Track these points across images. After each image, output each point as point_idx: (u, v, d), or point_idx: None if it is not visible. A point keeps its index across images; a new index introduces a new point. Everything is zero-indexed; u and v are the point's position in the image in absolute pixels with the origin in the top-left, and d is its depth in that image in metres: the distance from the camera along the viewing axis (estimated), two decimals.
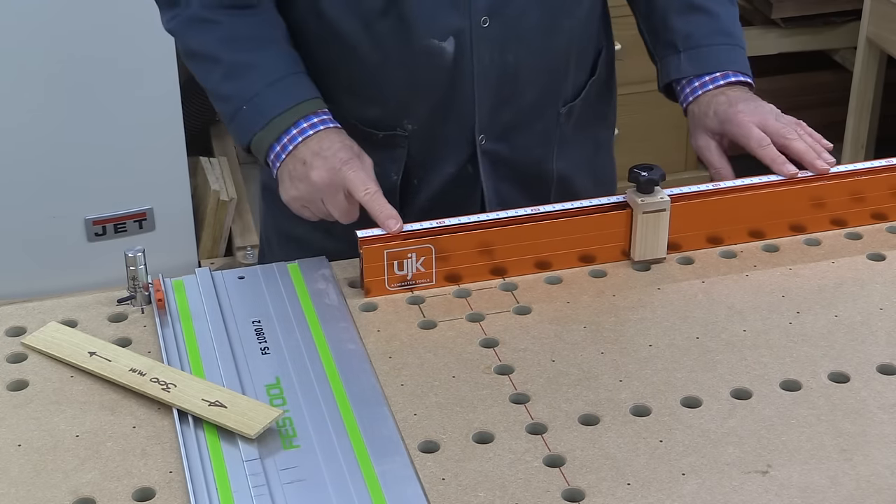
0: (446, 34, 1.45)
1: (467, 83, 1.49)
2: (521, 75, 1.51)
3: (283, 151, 1.42)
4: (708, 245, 1.49)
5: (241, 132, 1.46)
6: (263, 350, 1.30)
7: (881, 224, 1.53)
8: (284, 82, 1.44)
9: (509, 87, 1.51)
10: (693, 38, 1.56)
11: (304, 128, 1.42)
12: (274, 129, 1.43)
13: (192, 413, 1.19)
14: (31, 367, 1.29)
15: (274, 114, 1.43)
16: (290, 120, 1.42)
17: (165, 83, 2.71)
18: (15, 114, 2.63)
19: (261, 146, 1.44)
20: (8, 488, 1.12)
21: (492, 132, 1.53)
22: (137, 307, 1.38)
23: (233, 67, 1.45)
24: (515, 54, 1.49)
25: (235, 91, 1.45)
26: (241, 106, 1.44)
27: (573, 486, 1.11)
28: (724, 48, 1.55)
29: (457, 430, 1.18)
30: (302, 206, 1.43)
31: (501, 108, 1.52)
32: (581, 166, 1.64)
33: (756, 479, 1.11)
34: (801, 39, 3.42)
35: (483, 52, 1.47)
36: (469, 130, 1.52)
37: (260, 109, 1.43)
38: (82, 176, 2.74)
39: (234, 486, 1.11)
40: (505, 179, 1.57)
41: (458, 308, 1.38)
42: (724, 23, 1.57)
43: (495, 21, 1.46)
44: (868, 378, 1.25)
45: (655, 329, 1.33)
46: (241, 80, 1.45)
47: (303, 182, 1.40)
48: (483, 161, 1.54)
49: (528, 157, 1.57)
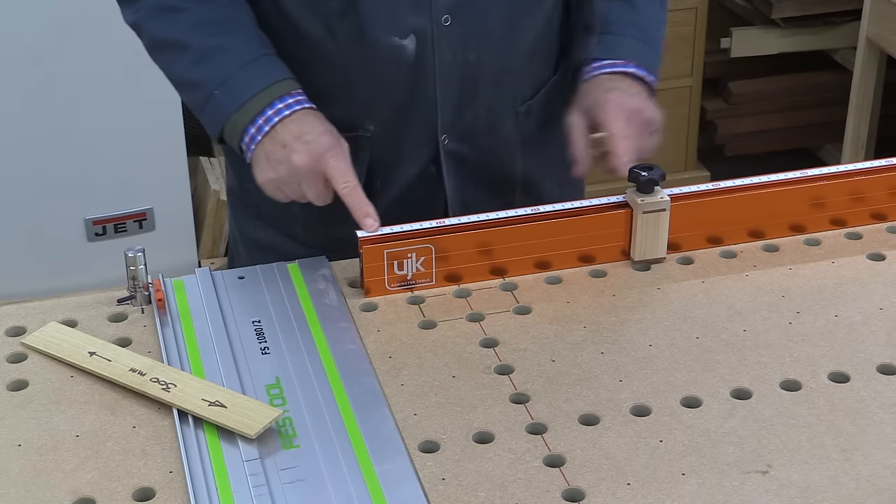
0: (407, 32, 1.44)
1: (429, 82, 1.48)
2: (482, 74, 1.50)
3: (259, 133, 1.40)
4: (708, 245, 1.49)
5: (213, 118, 1.44)
6: (263, 350, 1.30)
7: (881, 224, 1.53)
8: (257, 63, 1.42)
9: (471, 86, 1.50)
10: (608, 24, 1.54)
11: (279, 108, 1.40)
12: (248, 111, 1.41)
13: (192, 413, 1.19)
14: (31, 367, 1.29)
15: (248, 95, 1.41)
16: (264, 101, 1.40)
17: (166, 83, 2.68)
18: (15, 114, 2.63)
19: (235, 129, 1.42)
20: (8, 488, 1.12)
21: (455, 132, 1.52)
22: (137, 307, 1.38)
23: (203, 52, 1.43)
24: (477, 52, 1.48)
25: (207, 76, 1.43)
26: (212, 91, 1.42)
27: (573, 486, 1.11)
28: (635, 41, 1.54)
29: (457, 430, 1.18)
30: (276, 188, 1.41)
31: (464, 107, 1.51)
32: (547, 168, 1.62)
33: (756, 479, 1.11)
34: (801, 39, 3.42)
35: (445, 51, 1.46)
36: (432, 130, 1.51)
37: (234, 92, 1.41)
38: (82, 176, 2.74)
39: (234, 486, 1.11)
40: (468, 181, 1.56)
41: (458, 308, 1.38)
42: (643, 19, 1.56)
43: (457, 19, 1.45)
44: (868, 378, 1.25)
45: (655, 329, 1.33)
46: (212, 64, 1.43)
47: (282, 165, 1.39)
48: (446, 162, 1.53)
49: (491, 157, 1.56)
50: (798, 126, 3.62)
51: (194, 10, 1.44)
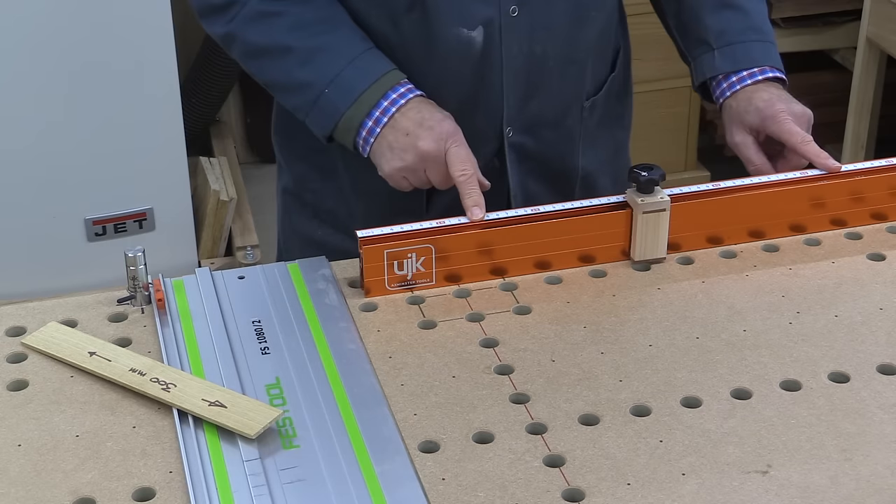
0: (475, 23, 1.45)
1: (496, 74, 1.49)
2: (548, 66, 1.51)
3: (378, 125, 1.43)
4: (708, 245, 1.49)
5: (325, 116, 1.45)
6: (263, 350, 1.30)
7: (881, 224, 1.53)
8: (363, 58, 1.44)
9: (536, 79, 1.51)
10: (726, 35, 1.56)
11: (394, 98, 1.43)
12: (363, 106, 1.43)
13: (192, 413, 1.19)
14: (31, 367, 1.29)
15: (361, 90, 1.43)
16: (377, 94, 1.43)
17: (165, 83, 2.71)
18: (15, 114, 2.63)
19: (350, 125, 1.44)
20: (8, 488, 1.12)
21: (519, 125, 1.54)
22: (137, 307, 1.38)
23: (308, 53, 1.45)
24: (543, 45, 1.50)
25: (314, 76, 1.45)
26: (322, 89, 1.44)
27: (573, 486, 1.11)
28: (758, 44, 1.56)
29: (457, 430, 1.18)
30: (402, 177, 1.44)
31: (529, 99, 1.53)
32: (603, 165, 1.65)
33: (756, 479, 1.11)
34: (801, 39, 3.42)
35: (511, 43, 1.47)
36: (497, 123, 1.53)
37: (345, 88, 1.43)
38: (82, 176, 2.74)
39: (234, 486, 1.11)
40: (531, 174, 1.58)
41: (458, 308, 1.38)
42: (756, 19, 1.58)
43: (524, 11, 1.46)
44: (868, 378, 1.25)
45: (655, 329, 1.33)
46: (318, 63, 1.44)
47: (409, 152, 1.41)
48: (510, 154, 1.55)
49: (553, 151, 1.58)
50: None
51: (292, 12, 1.46)
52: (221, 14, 1.49)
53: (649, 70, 3.24)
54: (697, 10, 1.58)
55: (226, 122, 3.63)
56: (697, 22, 1.58)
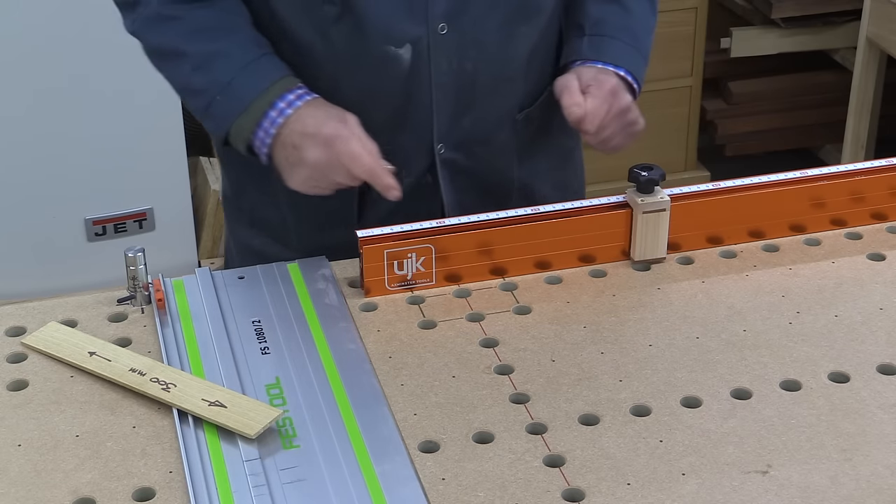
0: (403, 41, 1.43)
1: (425, 91, 1.46)
2: (479, 82, 1.49)
3: (268, 136, 1.40)
4: (708, 245, 1.49)
5: (217, 122, 1.44)
6: (263, 350, 1.30)
7: (881, 224, 1.53)
8: (256, 65, 1.42)
9: (467, 95, 1.49)
10: (601, 26, 1.52)
11: (281, 108, 1.40)
12: (252, 115, 1.40)
13: (192, 413, 1.19)
14: (31, 367, 1.29)
15: (251, 97, 1.40)
16: (267, 101, 1.40)
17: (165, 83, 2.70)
18: (15, 114, 2.63)
19: (241, 133, 1.42)
20: (8, 488, 1.12)
21: (450, 141, 1.51)
22: (137, 307, 1.38)
23: (201, 58, 1.43)
24: (473, 62, 1.47)
25: (207, 82, 1.43)
26: (214, 96, 1.42)
27: (573, 486, 1.11)
28: (627, 47, 1.52)
29: (457, 430, 1.18)
30: (311, 187, 1.41)
31: (460, 116, 1.50)
32: (544, 175, 1.61)
33: (756, 479, 1.11)
34: (801, 39, 3.42)
35: (441, 60, 1.45)
36: (427, 139, 1.50)
37: (235, 95, 1.41)
38: (82, 176, 2.74)
39: (234, 486, 1.11)
40: (465, 189, 1.54)
41: (458, 308, 1.38)
42: (636, 25, 1.54)
43: (453, 28, 1.44)
44: (868, 378, 1.25)
45: (655, 329, 1.33)
46: (211, 69, 1.42)
47: (301, 166, 1.38)
48: (442, 171, 1.52)
49: (487, 166, 1.55)
50: (798, 126, 3.62)
51: (189, 17, 1.44)
52: (129, 12, 1.49)
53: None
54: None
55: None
56: (581, 5, 1.55)
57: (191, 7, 1.44)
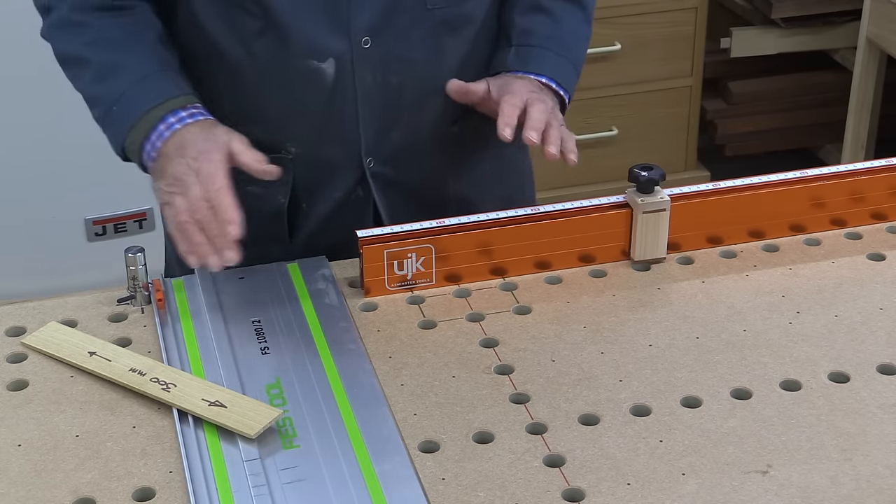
0: (326, 55, 1.41)
1: (350, 105, 1.45)
2: (405, 96, 1.46)
3: (153, 149, 1.38)
4: (708, 245, 1.49)
5: (114, 134, 1.42)
6: (263, 350, 1.30)
7: (881, 224, 1.53)
8: (151, 79, 1.40)
9: (394, 109, 1.47)
10: (528, 36, 1.51)
11: (171, 122, 1.37)
12: (143, 127, 1.38)
13: (192, 413, 1.19)
14: (31, 367, 1.29)
15: (143, 110, 1.38)
16: (158, 115, 1.37)
17: None
18: (15, 114, 2.63)
19: (133, 147, 1.40)
20: (8, 488, 1.12)
21: (379, 155, 1.49)
22: (137, 307, 1.38)
23: (101, 68, 1.41)
24: (399, 76, 1.45)
25: (104, 92, 1.41)
26: (111, 107, 1.40)
27: (573, 486, 1.11)
28: (554, 56, 1.50)
29: (457, 430, 1.18)
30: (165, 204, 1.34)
31: (387, 130, 1.48)
32: (485, 186, 1.59)
33: (756, 479, 1.11)
34: (801, 39, 3.42)
35: (365, 74, 1.43)
36: (355, 153, 1.48)
37: (129, 108, 1.39)
38: (82, 176, 2.74)
39: (234, 486, 1.11)
40: (399, 201, 1.52)
41: (458, 308, 1.38)
42: (565, 34, 1.52)
43: (377, 42, 1.42)
44: (868, 378, 1.25)
45: (655, 329, 1.33)
46: (109, 80, 1.41)
47: (162, 178, 1.34)
48: (374, 184, 1.50)
49: (420, 178, 1.53)
50: (798, 126, 3.62)
51: (96, 25, 1.42)
52: (43, 17, 1.47)
53: (649, 70, 3.24)
54: (512, 5, 1.53)
55: None
56: (509, 16, 1.53)
57: (99, 16, 1.43)
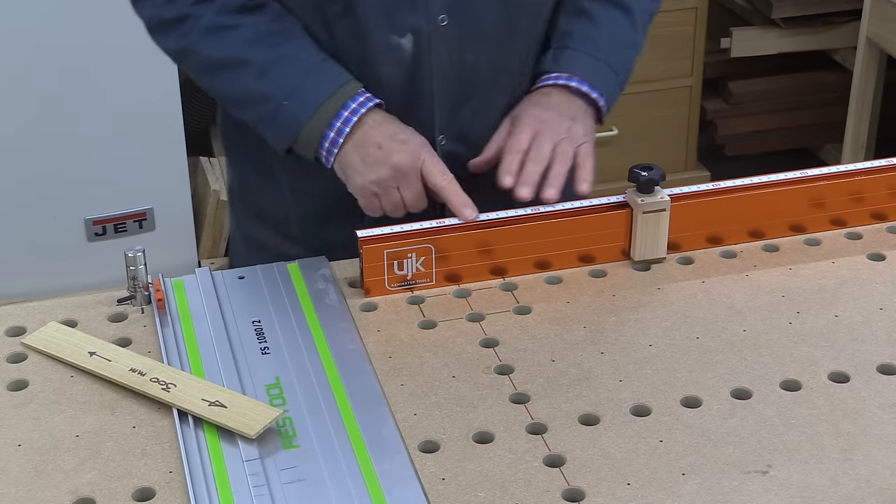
0: (404, 31, 1.44)
1: (426, 82, 1.48)
2: (480, 75, 1.50)
3: (340, 136, 1.42)
4: (708, 245, 1.49)
5: (284, 128, 1.44)
6: (263, 350, 1.30)
7: (881, 224, 1.53)
8: (321, 68, 1.44)
9: (468, 87, 1.50)
10: (565, 39, 1.53)
11: (353, 108, 1.42)
12: (323, 117, 1.42)
13: (192, 413, 1.19)
14: (31, 367, 1.29)
15: (320, 100, 1.42)
16: (337, 104, 1.42)
17: (165, 83, 2.71)
18: (15, 114, 2.63)
19: (311, 137, 1.43)
20: (8, 488, 1.12)
21: (451, 133, 1.52)
22: (137, 307, 1.38)
23: (265, 65, 1.44)
24: (474, 54, 1.48)
25: (272, 88, 1.43)
26: (281, 101, 1.43)
27: (573, 486, 1.11)
28: (586, 57, 1.52)
29: (457, 430, 1.18)
30: (373, 194, 1.42)
31: (461, 108, 1.51)
32: None
33: (756, 479, 1.11)
34: (801, 39, 3.42)
35: (441, 51, 1.46)
36: (429, 130, 1.50)
37: (304, 100, 1.42)
38: (82, 176, 2.74)
39: (234, 486, 1.11)
40: (466, 181, 1.55)
41: (458, 308, 1.38)
42: (603, 36, 1.53)
43: (454, 19, 1.45)
44: (868, 378, 1.25)
45: (655, 329, 1.33)
46: (276, 75, 1.43)
47: (382, 166, 1.40)
48: (445, 162, 1.50)
49: None
50: (798, 126, 3.62)
51: (246, 25, 1.44)
52: (173, 29, 1.47)
53: (649, 70, 3.24)
54: (560, 9, 1.55)
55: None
56: (555, 20, 1.55)
57: (246, 15, 1.45)
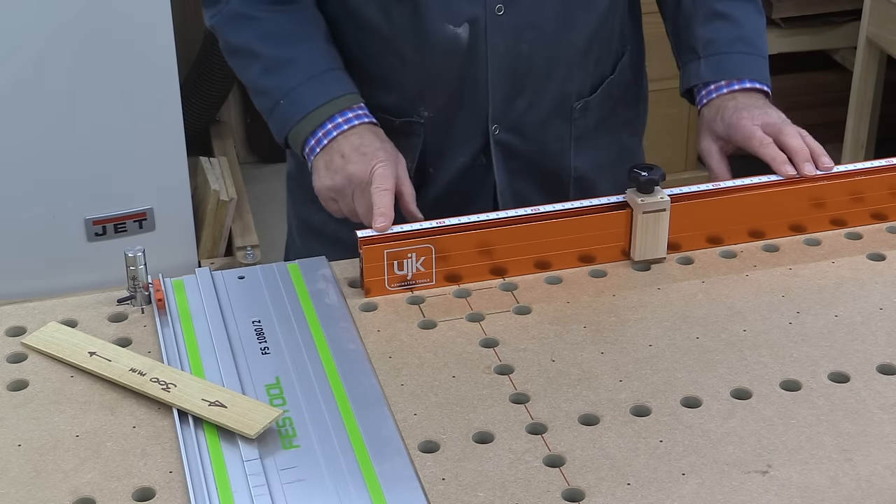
0: (461, 20, 1.47)
1: (481, 71, 1.50)
2: (534, 65, 1.52)
3: (318, 145, 1.47)
4: (708, 245, 1.49)
5: (278, 125, 1.50)
6: (263, 350, 1.30)
7: (881, 224, 1.53)
8: (321, 78, 1.48)
9: (522, 78, 1.52)
10: (714, 45, 1.56)
11: (338, 122, 1.46)
12: (310, 123, 1.47)
13: (192, 413, 1.19)
14: (31, 367, 1.29)
15: (310, 108, 1.47)
16: (326, 114, 1.47)
17: (165, 83, 2.71)
18: (15, 114, 2.63)
19: (297, 139, 1.48)
20: (8, 488, 1.12)
21: (505, 123, 1.55)
22: (137, 307, 1.38)
23: (272, 62, 1.49)
24: (530, 44, 1.50)
25: (274, 85, 1.49)
26: (279, 100, 1.49)
27: (573, 486, 1.11)
28: (744, 56, 1.56)
29: (457, 430, 1.18)
30: (331, 199, 1.47)
31: (515, 98, 1.53)
32: (603, 169, 1.64)
33: (756, 479, 1.11)
34: (801, 39, 3.42)
35: (497, 41, 1.49)
36: (483, 120, 1.54)
37: (297, 104, 1.48)
38: (82, 176, 2.74)
39: (234, 486, 1.11)
40: (519, 173, 1.58)
41: (458, 308, 1.38)
42: (747, 31, 1.58)
43: (510, 9, 1.48)
44: (868, 378, 1.25)
45: (655, 329, 1.33)
46: (279, 74, 1.49)
47: (339, 173, 1.44)
48: (496, 152, 1.56)
49: (542, 150, 1.59)
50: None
51: (267, 19, 1.50)
52: (211, 6, 1.55)
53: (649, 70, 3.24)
54: (690, 17, 1.59)
55: (226, 122, 3.63)
56: (688, 29, 1.59)
57: (270, 9, 1.50)
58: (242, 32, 1.51)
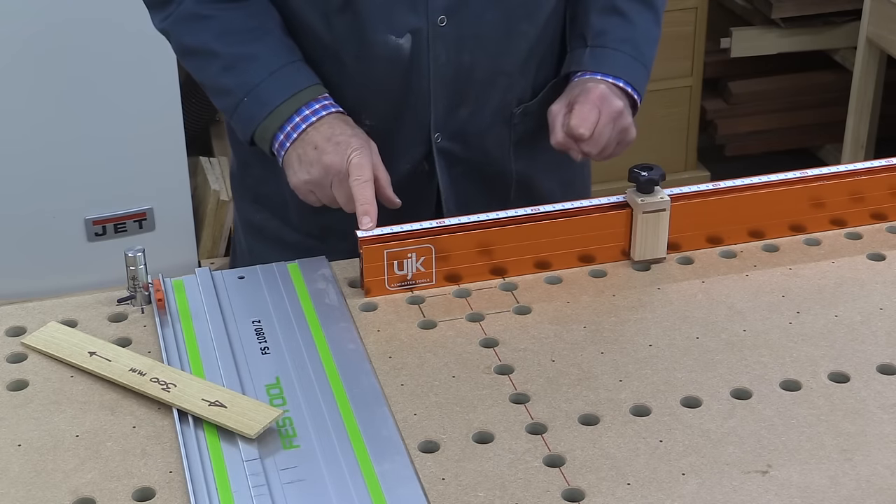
0: (403, 31, 1.46)
1: (424, 81, 1.49)
2: (476, 75, 1.51)
3: (288, 139, 1.45)
4: (708, 245, 1.49)
5: (243, 124, 1.48)
6: (263, 350, 1.30)
7: (881, 224, 1.53)
8: (283, 71, 1.46)
9: (464, 87, 1.51)
10: (603, 38, 1.54)
11: (306, 115, 1.44)
12: (277, 118, 1.45)
13: (192, 413, 1.19)
14: (31, 367, 1.29)
15: (276, 103, 1.45)
16: (292, 108, 1.45)
17: (165, 83, 2.71)
18: (15, 113, 2.63)
19: (265, 135, 1.46)
20: (8, 488, 1.12)
21: (447, 131, 1.54)
22: (137, 307, 1.38)
23: (231, 60, 1.47)
24: (472, 54, 1.49)
25: (236, 83, 1.47)
26: (242, 98, 1.47)
27: (573, 486, 1.11)
28: (628, 58, 1.54)
29: (457, 430, 1.18)
30: (309, 191, 1.45)
31: (457, 107, 1.53)
32: (546, 169, 1.62)
33: (756, 479, 1.11)
34: (801, 39, 3.42)
35: (440, 51, 1.48)
36: (425, 128, 1.53)
37: (262, 100, 1.45)
38: (82, 176, 2.74)
39: (234, 486, 1.11)
40: (462, 178, 1.58)
41: (458, 308, 1.38)
42: (639, 37, 1.56)
43: (452, 21, 1.46)
44: (868, 378, 1.25)
45: (655, 329, 1.33)
46: (240, 72, 1.47)
47: (314, 166, 1.42)
48: (439, 159, 1.55)
49: (484, 157, 1.58)
50: (798, 126, 3.62)
51: (221, 17, 1.47)
52: (161, 9, 1.52)
53: None
54: (589, 5, 1.56)
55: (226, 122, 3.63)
56: (585, 16, 1.56)
57: (224, 7, 1.48)
58: (198, 33, 1.48)
